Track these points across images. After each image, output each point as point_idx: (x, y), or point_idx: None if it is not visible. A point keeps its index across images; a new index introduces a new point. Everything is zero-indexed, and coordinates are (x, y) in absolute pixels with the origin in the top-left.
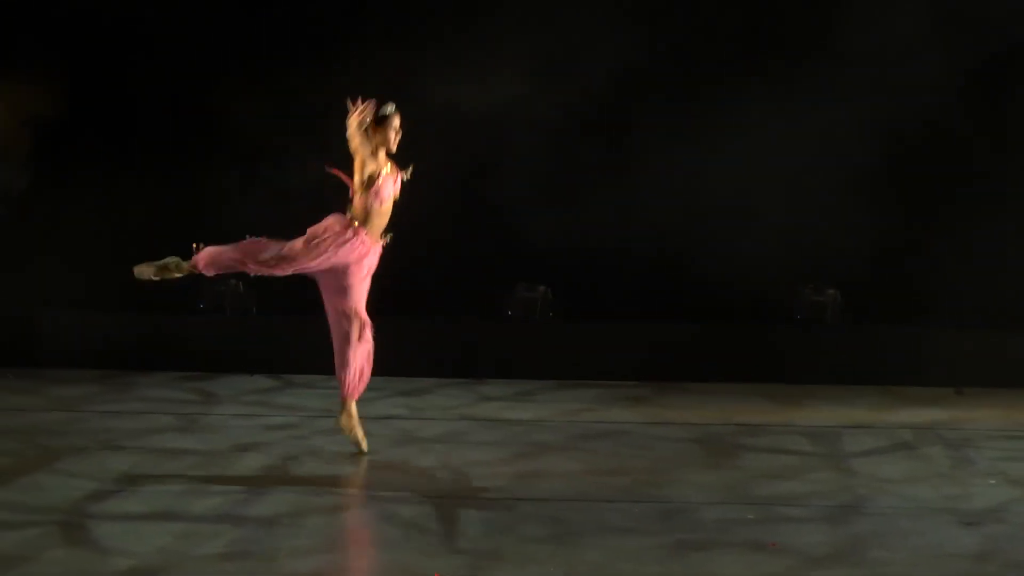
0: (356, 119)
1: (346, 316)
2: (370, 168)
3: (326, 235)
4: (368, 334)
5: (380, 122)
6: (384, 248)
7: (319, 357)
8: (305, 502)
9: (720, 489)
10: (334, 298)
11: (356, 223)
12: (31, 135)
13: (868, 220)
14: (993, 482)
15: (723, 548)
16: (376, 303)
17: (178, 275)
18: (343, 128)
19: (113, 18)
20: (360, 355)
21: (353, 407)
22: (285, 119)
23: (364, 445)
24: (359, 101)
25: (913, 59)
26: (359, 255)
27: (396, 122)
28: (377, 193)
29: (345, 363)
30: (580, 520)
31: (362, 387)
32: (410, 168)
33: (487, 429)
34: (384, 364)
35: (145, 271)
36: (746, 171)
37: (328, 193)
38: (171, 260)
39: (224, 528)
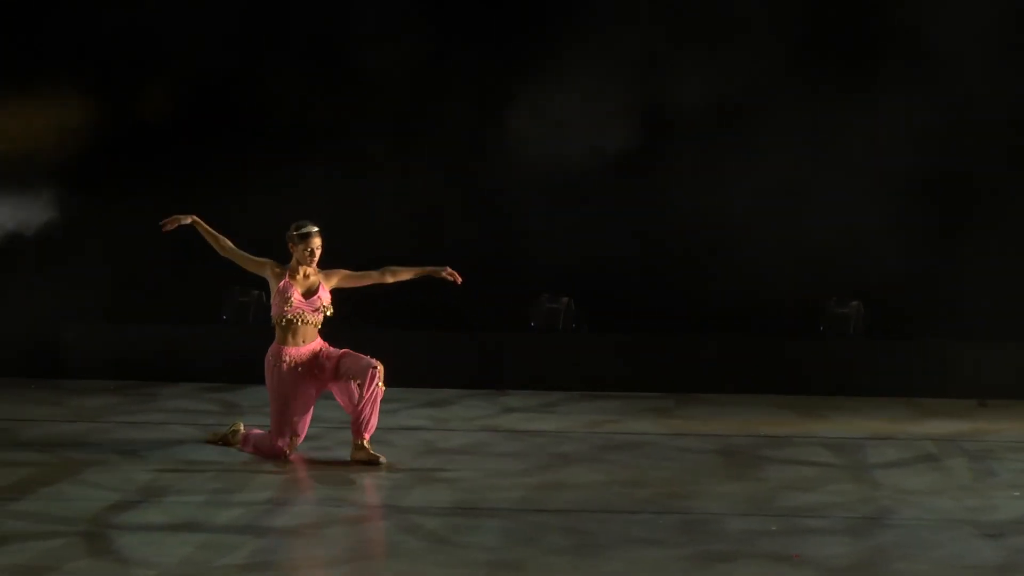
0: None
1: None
2: (274, 272)
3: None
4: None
5: (299, 239)
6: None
7: None
8: (327, 513)
9: (743, 501)
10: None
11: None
12: (53, 153)
13: (891, 233)
14: (1017, 494)
15: (746, 560)
16: (401, 314)
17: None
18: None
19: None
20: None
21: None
22: (309, 129)
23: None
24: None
25: (942, 73)
26: (271, 369)
27: (314, 242)
28: (277, 300)
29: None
30: (602, 531)
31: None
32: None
33: (510, 440)
34: (408, 375)
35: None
36: (770, 184)
37: (363, 200)
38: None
39: (246, 539)
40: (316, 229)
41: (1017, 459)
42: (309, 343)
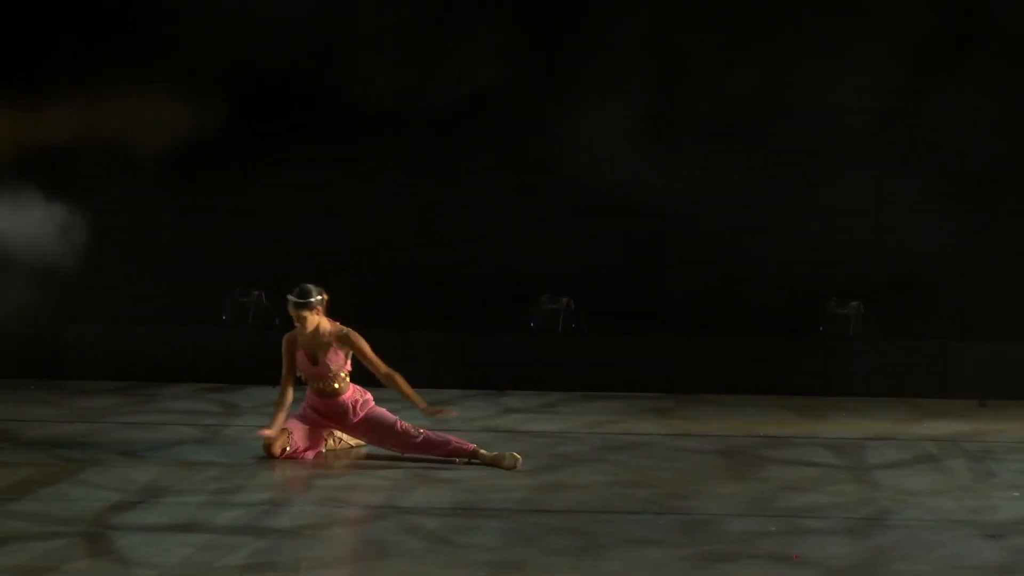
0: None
1: None
2: (290, 346)
3: None
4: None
5: (289, 308)
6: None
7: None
8: (327, 514)
9: (743, 501)
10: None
11: None
12: (52, 155)
13: (891, 233)
14: (1016, 494)
15: (746, 560)
16: (401, 315)
17: None
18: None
19: None
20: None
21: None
22: (308, 128)
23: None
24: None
25: (943, 73)
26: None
27: (294, 314)
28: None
29: None
30: (603, 532)
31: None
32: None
33: (510, 441)
34: (408, 376)
35: None
36: (770, 185)
37: (364, 199)
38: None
39: (246, 539)
40: (297, 301)
41: (1017, 459)
42: (330, 398)
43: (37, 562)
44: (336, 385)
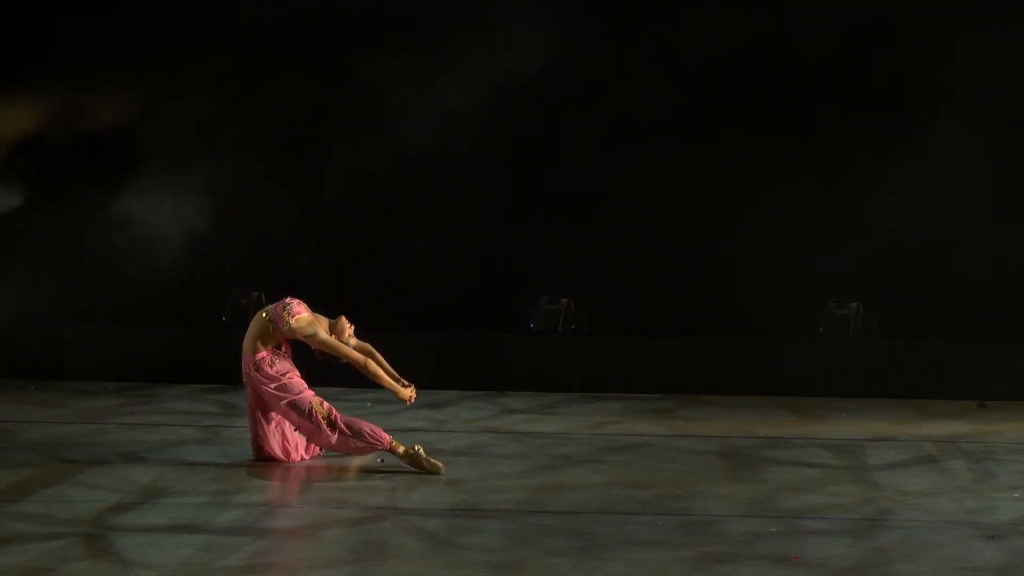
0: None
1: None
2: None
3: None
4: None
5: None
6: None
7: (340, 371)
8: (327, 514)
9: (743, 502)
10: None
11: None
12: (51, 153)
13: (891, 233)
14: (1016, 495)
15: (746, 561)
16: (400, 316)
17: None
18: None
19: None
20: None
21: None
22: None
23: None
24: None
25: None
26: None
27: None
28: None
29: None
30: (603, 533)
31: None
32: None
33: (510, 442)
34: (408, 377)
35: None
36: (769, 184)
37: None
38: None
39: (246, 540)
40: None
41: (1017, 460)
42: (243, 352)
43: (37, 562)
44: (262, 324)
